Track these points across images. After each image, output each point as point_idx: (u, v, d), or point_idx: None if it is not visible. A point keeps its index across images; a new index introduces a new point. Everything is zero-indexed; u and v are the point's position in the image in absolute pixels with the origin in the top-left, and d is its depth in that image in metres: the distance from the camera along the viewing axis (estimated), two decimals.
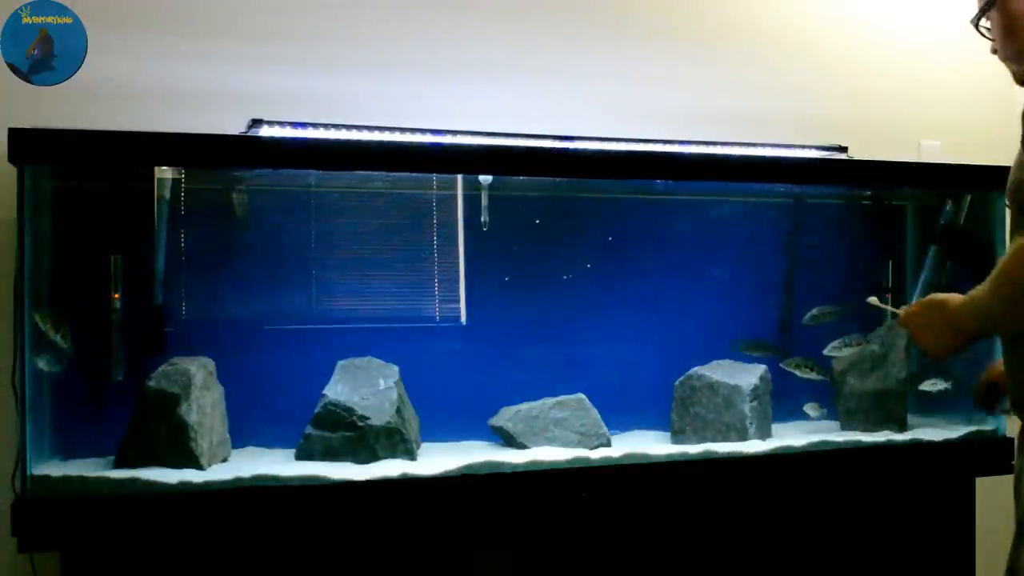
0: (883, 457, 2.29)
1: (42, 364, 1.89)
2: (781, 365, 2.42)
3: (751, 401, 2.27)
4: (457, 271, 2.33)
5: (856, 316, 2.49)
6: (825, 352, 2.45)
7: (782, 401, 2.42)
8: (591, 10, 2.57)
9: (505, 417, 2.24)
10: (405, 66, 2.39)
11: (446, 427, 2.26)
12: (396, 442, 2.05)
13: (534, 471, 2.06)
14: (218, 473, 1.92)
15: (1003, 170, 1.65)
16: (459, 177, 2.30)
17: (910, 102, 2.83)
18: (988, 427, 2.39)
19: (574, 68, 2.53)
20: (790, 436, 2.32)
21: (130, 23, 2.20)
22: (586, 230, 2.48)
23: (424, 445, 2.18)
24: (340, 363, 2.15)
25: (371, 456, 2.03)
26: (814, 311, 2.48)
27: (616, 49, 2.57)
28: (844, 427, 2.44)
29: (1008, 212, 1.60)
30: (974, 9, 1.65)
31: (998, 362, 1.74)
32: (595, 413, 2.27)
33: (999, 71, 1.69)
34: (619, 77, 2.56)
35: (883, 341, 2.46)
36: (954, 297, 1.65)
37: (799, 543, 2.26)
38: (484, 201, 2.28)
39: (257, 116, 2.07)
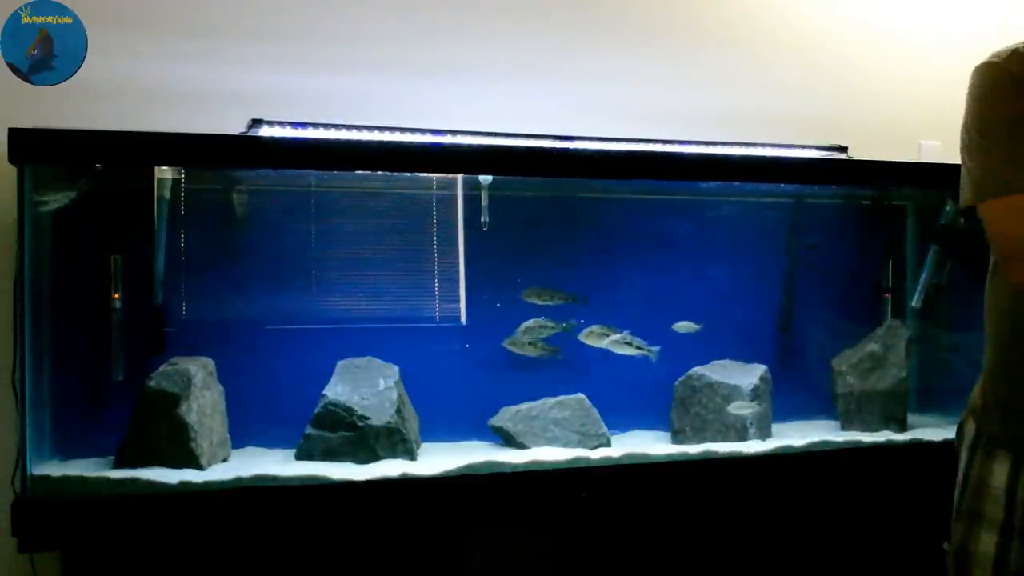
0: (883, 457, 2.29)
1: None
2: (580, 338, 2.31)
3: (751, 401, 2.27)
4: (457, 271, 2.33)
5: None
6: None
7: (782, 401, 2.42)
8: (591, 10, 2.57)
9: (505, 417, 2.24)
10: (405, 66, 2.39)
11: (446, 427, 2.26)
12: (396, 442, 2.06)
13: (534, 471, 2.06)
14: (218, 473, 1.92)
15: None
16: (459, 177, 2.30)
17: (910, 102, 2.83)
18: None
19: (574, 68, 2.53)
20: (790, 436, 2.32)
21: (130, 23, 2.20)
22: (586, 230, 2.48)
23: (424, 445, 2.18)
24: (340, 363, 2.15)
25: (371, 456, 2.03)
26: (529, 323, 2.31)
27: (616, 49, 2.57)
28: (844, 427, 2.44)
29: None
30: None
31: None
32: (595, 413, 2.27)
33: None
34: (619, 77, 2.56)
35: (883, 341, 2.46)
36: None
37: (799, 543, 2.26)
38: (484, 201, 2.28)
39: (257, 116, 2.07)
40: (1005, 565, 1.48)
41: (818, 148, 2.50)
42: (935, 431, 2.39)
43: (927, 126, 2.84)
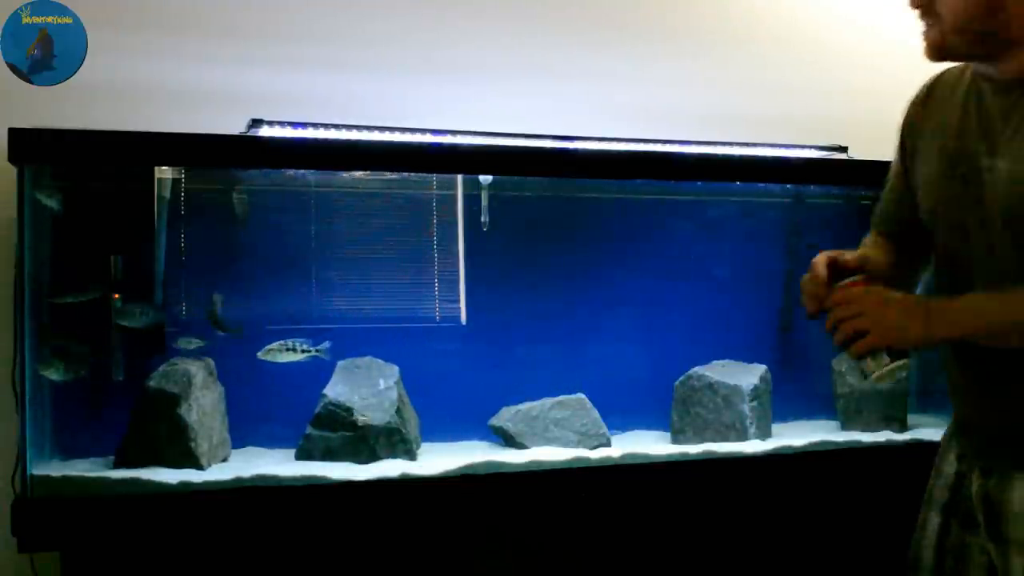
0: (883, 457, 2.29)
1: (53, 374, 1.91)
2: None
3: (751, 401, 2.27)
4: (457, 271, 2.33)
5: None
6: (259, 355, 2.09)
7: (782, 401, 2.42)
8: (592, 10, 2.57)
9: (505, 417, 2.24)
10: (405, 66, 2.39)
11: (446, 427, 2.26)
12: (396, 442, 2.06)
13: (534, 471, 2.06)
14: (218, 473, 1.92)
15: None
16: (459, 177, 2.30)
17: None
18: None
19: (574, 68, 2.53)
20: (790, 436, 2.32)
21: (130, 23, 2.20)
22: (586, 230, 2.47)
23: (424, 445, 2.18)
24: (340, 363, 2.15)
25: (371, 456, 2.03)
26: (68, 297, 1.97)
27: (616, 49, 2.57)
28: (844, 427, 2.44)
29: None
30: None
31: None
32: (595, 413, 2.27)
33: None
34: (619, 77, 2.56)
35: None
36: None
37: (799, 543, 2.26)
38: (484, 201, 2.28)
39: (257, 116, 2.07)
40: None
41: (818, 148, 2.50)
42: (935, 431, 2.38)
43: None
